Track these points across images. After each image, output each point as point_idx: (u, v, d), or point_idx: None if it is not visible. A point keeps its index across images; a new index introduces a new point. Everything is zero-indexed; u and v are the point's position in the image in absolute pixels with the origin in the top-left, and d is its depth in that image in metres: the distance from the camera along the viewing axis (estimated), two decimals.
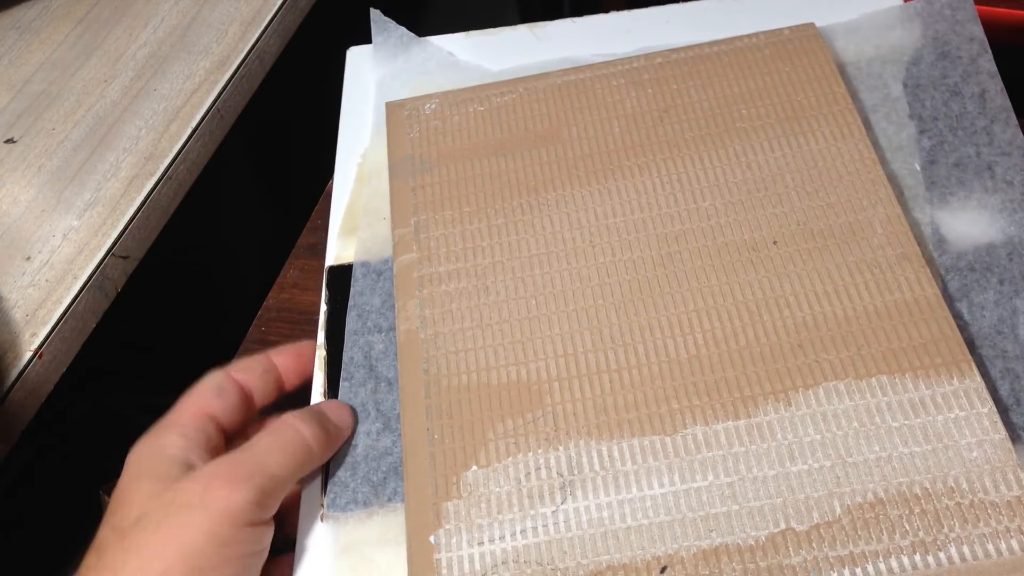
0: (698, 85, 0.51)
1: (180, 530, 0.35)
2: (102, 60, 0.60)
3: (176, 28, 0.61)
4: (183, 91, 0.57)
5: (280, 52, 0.62)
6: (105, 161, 0.54)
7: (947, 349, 0.40)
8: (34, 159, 0.55)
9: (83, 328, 0.49)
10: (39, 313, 0.48)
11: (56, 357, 0.48)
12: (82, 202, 0.52)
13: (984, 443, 0.37)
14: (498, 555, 0.38)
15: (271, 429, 0.40)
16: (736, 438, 0.39)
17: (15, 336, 0.47)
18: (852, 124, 0.47)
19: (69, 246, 0.50)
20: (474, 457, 0.40)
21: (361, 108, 0.55)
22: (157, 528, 0.35)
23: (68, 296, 0.48)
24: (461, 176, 0.49)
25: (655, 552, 0.37)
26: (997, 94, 0.48)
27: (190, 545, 0.35)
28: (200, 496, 0.36)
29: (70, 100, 0.58)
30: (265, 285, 0.52)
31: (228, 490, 0.36)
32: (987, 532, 0.36)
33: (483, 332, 0.44)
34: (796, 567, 0.36)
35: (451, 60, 0.56)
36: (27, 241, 0.51)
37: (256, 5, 0.61)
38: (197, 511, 0.35)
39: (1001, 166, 0.46)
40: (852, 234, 0.44)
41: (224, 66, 0.58)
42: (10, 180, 0.54)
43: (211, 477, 0.36)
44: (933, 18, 0.51)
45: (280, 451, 0.39)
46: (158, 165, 0.53)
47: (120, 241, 0.51)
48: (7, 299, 0.48)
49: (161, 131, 0.55)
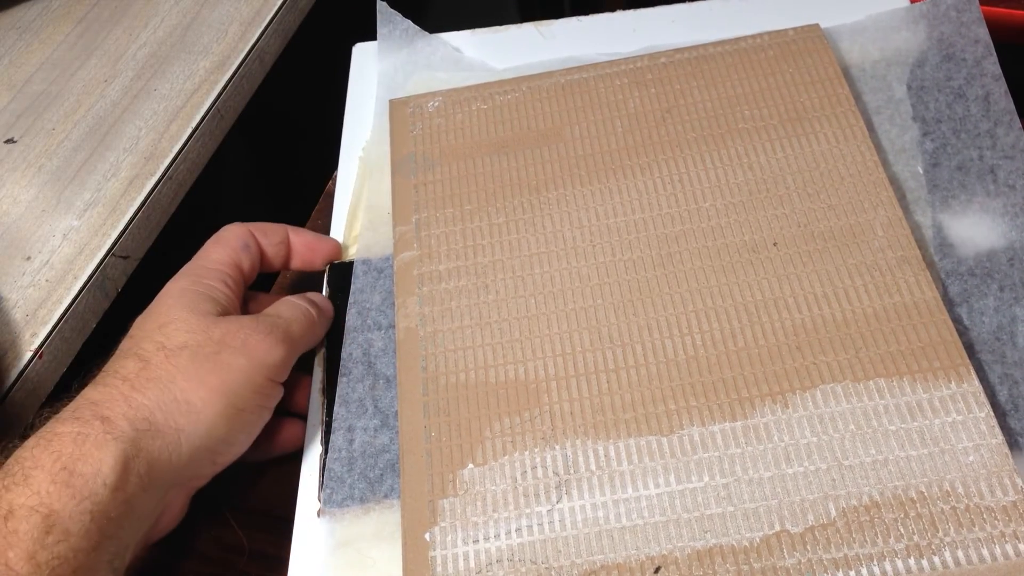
0: (701, 85, 0.51)
1: (225, 368, 0.39)
2: (102, 60, 0.60)
3: (176, 28, 0.61)
4: (183, 91, 0.57)
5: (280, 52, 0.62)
6: (105, 161, 0.54)
7: (946, 353, 0.40)
8: (34, 159, 0.55)
9: (83, 328, 0.49)
10: (39, 313, 0.48)
11: (56, 357, 0.48)
12: (82, 202, 0.52)
13: (981, 448, 0.37)
14: (493, 553, 0.38)
15: (285, 302, 0.44)
16: (732, 439, 0.39)
17: (15, 336, 0.47)
18: (855, 126, 0.47)
19: (69, 246, 0.50)
20: (471, 455, 0.40)
21: (366, 104, 0.55)
22: (206, 359, 0.39)
23: (68, 296, 0.48)
24: (463, 174, 0.50)
25: (649, 552, 0.37)
26: (1001, 97, 0.48)
27: (232, 383, 0.39)
28: (243, 344, 0.40)
29: (70, 100, 0.58)
30: (265, 285, 0.52)
31: (268, 345, 0.40)
32: (982, 537, 0.35)
33: (482, 330, 0.44)
34: (790, 569, 0.36)
35: (455, 56, 0.56)
36: (27, 241, 0.51)
37: (256, 5, 0.61)
38: (240, 356, 0.39)
39: (1004, 169, 0.46)
40: (853, 237, 0.44)
41: (224, 66, 0.58)
42: (10, 180, 0.54)
43: (251, 331, 0.40)
44: (939, 20, 0.51)
45: (299, 322, 0.43)
46: (158, 165, 0.53)
47: (120, 241, 0.51)
48: (7, 299, 0.48)
49: (161, 131, 0.55)
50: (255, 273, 0.46)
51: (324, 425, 0.44)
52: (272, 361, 0.40)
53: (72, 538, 0.33)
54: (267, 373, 0.40)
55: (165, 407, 0.37)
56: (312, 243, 0.48)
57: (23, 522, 0.33)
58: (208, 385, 0.38)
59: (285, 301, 0.44)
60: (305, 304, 0.44)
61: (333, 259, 0.49)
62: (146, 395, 0.37)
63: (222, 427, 0.39)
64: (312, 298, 0.45)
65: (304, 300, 0.45)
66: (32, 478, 0.34)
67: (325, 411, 0.44)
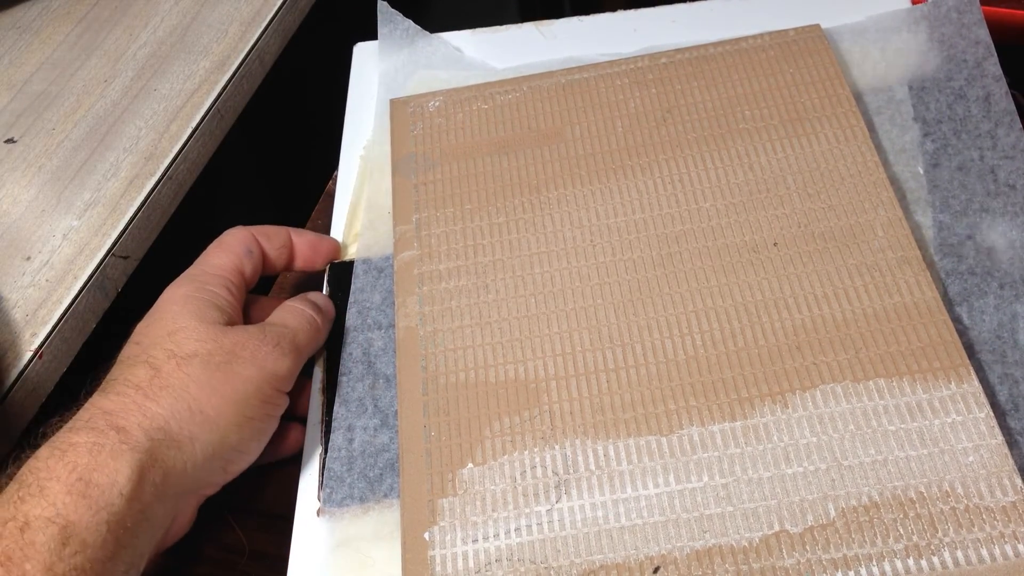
0: (702, 86, 0.50)
1: (236, 377, 0.39)
2: (102, 60, 0.60)
3: (176, 28, 0.61)
4: (183, 91, 0.57)
5: (280, 52, 0.62)
6: (105, 161, 0.54)
7: (946, 353, 0.40)
8: (34, 159, 0.55)
9: (83, 328, 0.49)
10: (39, 313, 0.48)
11: (56, 357, 0.48)
12: (82, 202, 0.52)
13: (981, 448, 0.37)
14: (492, 553, 0.38)
15: (289, 309, 0.44)
16: (732, 439, 0.39)
17: (15, 336, 0.47)
18: (855, 127, 0.47)
19: (69, 246, 0.50)
20: (470, 454, 0.40)
21: (367, 103, 0.55)
22: (216, 369, 0.39)
23: (68, 296, 0.48)
24: (463, 174, 0.50)
25: (648, 552, 0.37)
26: (1002, 97, 0.47)
27: (242, 392, 0.39)
28: (252, 355, 0.40)
29: (70, 100, 0.58)
30: (265, 285, 0.52)
31: (277, 356, 0.40)
32: (982, 537, 0.35)
33: (482, 330, 0.44)
34: (789, 569, 0.36)
35: (456, 56, 0.56)
36: (27, 241, 0.51)
37: (256, 5, 0.61)
38: (251, 366, 0.40)
39: (1004, 170, 0.46)
40: (853, 237, 0.44)
41: (224, 66, 0.58)
42: (10, 180, 0.54)
43: (259, 342, 0.40)
44: (939, 21, 0.51)
45: (305, 331, 0.43)
46: (158, 165, 0.53)
47: (120, 241, 0.51)
48: (7, 299, 0.48)
49: (161, 131, 0.55)
50: (257, 278, 0.46)
51: (324, 424, 0.44)
52: (281, 372, 0.41)
53: (89, 549, 0.33)
54: (276, 384, 0.41)
55: (179, 416, 0.37)
56: (314, 243, 0.48)
57: (40, 533, 0.33)
58: (220, 394, 0.38)
59: (289, 308, 0.44)
60: (310, 312, 0.44)
61: (334, 259, 0.49)
62: (160, 404, 0.37)
63: (234, 436, 0.39)
64: (313, 299, 0.45)
65: (307, 305, 0.44)
66: (48, 489, 0.34)
67: (325, 410, 0.44)
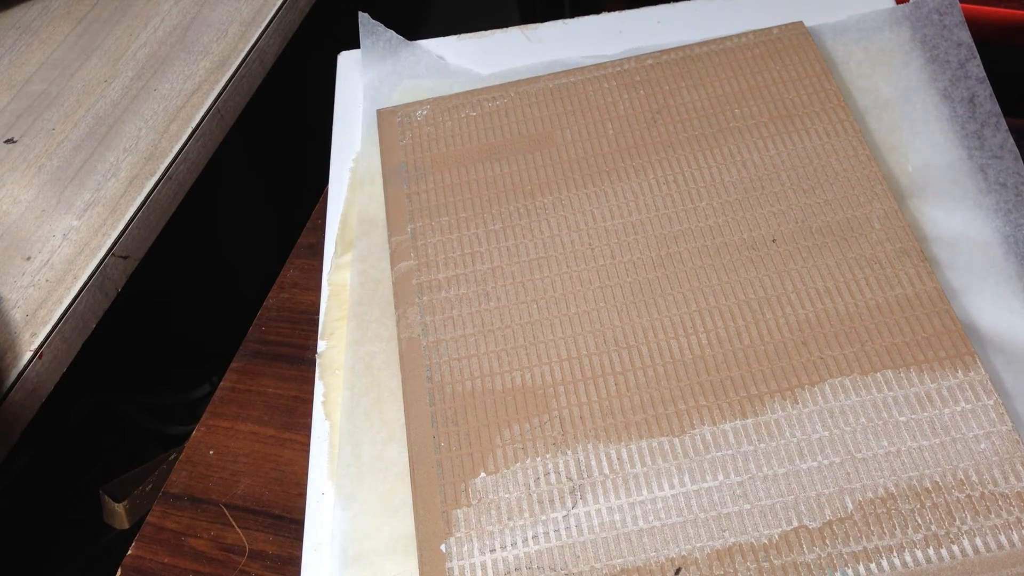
0: (690, 85, 0.51)
1: None
2: (102, 60, 0.59)
3: (176, 28, 0.61)
4: (183, 91, 0.57)
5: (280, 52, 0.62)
6: (105, 161, 0.53)
7: (950, 342, 0.40)
8: (34, 159, 0.54)
9: (83, 328, 0.49)
10: (39, 313, 0.47)
11: (56, 357, 0.47)
12: (82, 202, 0.52)
13: (992, 435, 0.38)
14: (511, 562, 0.37)
15: None
16: (744, 437, 0.39)
17: (15, 336, 0.47)
18: (844, 121, 0.48)
19: (69, 246, 0.50)
20: (482, 464, 0.40)
21: (354, 114, 0.55)
22: None
23: (68, 296, 0.48)
24: (456, 182, 0.49)
25: (669, 554, 0.37)
26: (986, 99, 0.48)
27: None
28: None
29: (70, 100, 0.57)
30: (265, 285, 0.51)
31: None
32: (999, 523, 0.36)
33: (485, 338, 0.43)
34: (811, 564, 0.36)
35: (440, 64, 0.55)
36: (27, 241, 0.50)
37: (256, 5, 0.61)
38: None
39: (993, 168, 0.46)
40: (851, 230, 0.44)
41: (224, 66, 0.58)
42: (10, 180, 0.54)
43: None
44: (921, 22, 0.51)
45: None
46: (158, 165, 0.53)
47: (120, 241, 0.50)
48: (7, 299, 0.48)
49: (161, 131, 0.55)
50: None
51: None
52: None
53: None
54: None
55: None
56: None
57: None
58: None
59: None
60: None
61: None
62: None
63: None
64: None
65: None
66: None
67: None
